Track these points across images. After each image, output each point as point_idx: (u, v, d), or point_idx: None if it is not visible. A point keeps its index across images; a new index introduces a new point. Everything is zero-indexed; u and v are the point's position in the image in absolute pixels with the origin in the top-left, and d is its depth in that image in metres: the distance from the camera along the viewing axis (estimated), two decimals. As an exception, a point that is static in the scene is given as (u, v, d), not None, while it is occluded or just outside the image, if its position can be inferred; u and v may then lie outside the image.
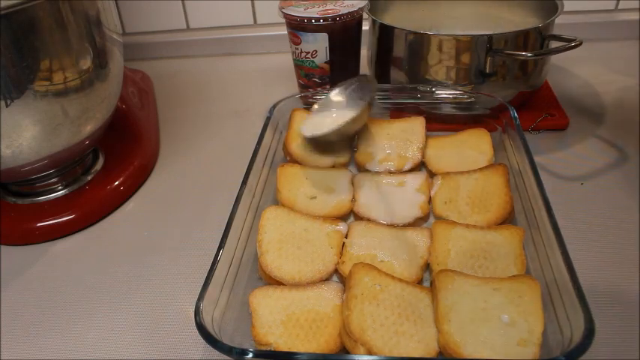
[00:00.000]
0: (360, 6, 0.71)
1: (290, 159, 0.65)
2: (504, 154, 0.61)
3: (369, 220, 0.55)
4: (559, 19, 0.68)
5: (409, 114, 0.68)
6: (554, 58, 0.73)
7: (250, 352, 0.39)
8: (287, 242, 0.52)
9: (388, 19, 0.77)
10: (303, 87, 0.78)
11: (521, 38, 0.66)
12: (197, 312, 0.41)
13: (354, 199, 0.58)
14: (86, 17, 0.56)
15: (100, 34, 0.59)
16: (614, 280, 0.50)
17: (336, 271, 0.50)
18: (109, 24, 0.60)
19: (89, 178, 0.67)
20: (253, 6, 0.98)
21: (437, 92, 0.67)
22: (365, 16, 0.73)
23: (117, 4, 0.99)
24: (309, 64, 0.73)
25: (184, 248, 0.59)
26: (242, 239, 0.51)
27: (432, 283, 0.46)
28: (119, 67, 0.64)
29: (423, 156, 0.63)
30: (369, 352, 0.40)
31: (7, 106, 0.51)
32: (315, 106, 0.66)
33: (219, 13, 0.99)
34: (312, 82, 0.75)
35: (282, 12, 0.72)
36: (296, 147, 0.65)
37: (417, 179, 0.60)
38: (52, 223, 0.62)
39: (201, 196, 0.66)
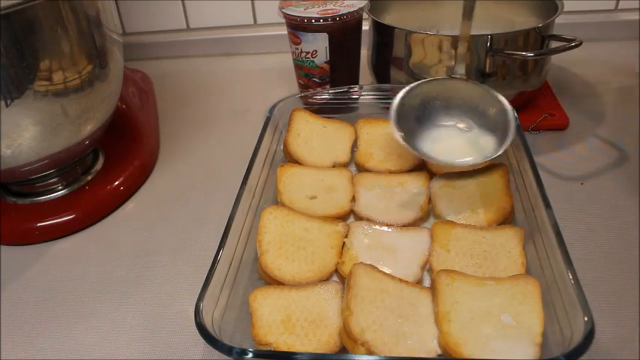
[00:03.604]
0: (360, 6, 0.71)
1: (290, 159, 0.65)
2: (504, 154, 0.61)
3: (369, 220, 0.55)
4: (559, 19, 0.68)
5: (409, 114, 0.68)
6: (554, 58, 0.73)
7: (250, 352, 0.39)
8: (287, 242, 0.52)
9: (388, 19, 0.77)
10: (303, 87, 0.78)
11: (521, 38, 0.66)
12: (197, 312, 0.41)
13: (354, 199, 0.58)
14: (86, 17, 0.56)
15: (100, 34, 0.59)
16: (614, 280, 0.50)
17: (336, 271, 0.50)
18: (109, 24, 0.60)
19: (89, 178, 0.67)
20: (253, 6, 0.98)
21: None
22: (365, 16, 0.73)
23: (117, 4, 0.99)
24: (309, 64, 0.73)
25: (184, 248, 0.59)
26: (242, 239, 0.51)
27: (432, 283, 0.46)
28: (119, 67, 0.64)
29: (423, 156, 0.63)
30: (369, 352, 0.40)
31: (7, 106, 0.51)
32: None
33: (219, 13, 0.99)
34: (312, 82, 0.75)
35: (282, 12, 0.72)
36: (296, 147, 0.65)
37: (417, 179, 0.60)
38: (52, 223, 0.62)
39: (201, 196, 0.66)
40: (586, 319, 0.38)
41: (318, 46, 0.71)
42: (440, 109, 0.58)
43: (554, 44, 0.67)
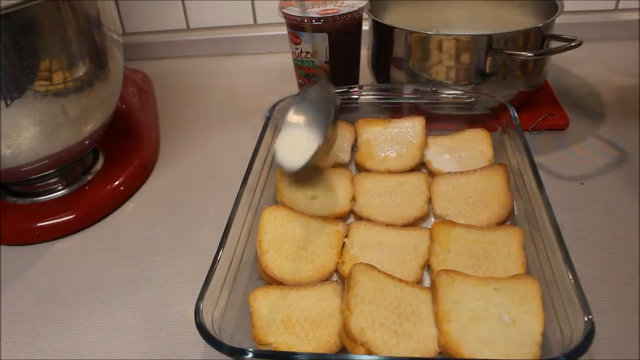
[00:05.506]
0: (360, 6, 0.71)
1: (290, 159, 0.65)
2: (504, 154, 0.61)
3: (369, 220, 0.55)
4: (559, 19, 0.68)
5: (409, 114, 0.68)
6: (554, 58, 0.73)
7: (250, 352, 0.39)
8: (287, 242, 0.52)
9: (388, 19, 0.77)
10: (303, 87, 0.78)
11: (521, 38, 0.66)
12: (197, 312, 0.41)
13: (354, 199, 0.58)
14: (86, 17, 0.56)
15: (100, 34, 0.59)
16: (614, 280, 0.50)
17: (336, 271, 0.50)
18: (109, 24, 0.60)
19: (89, 178, 0.67)
20: (253, 6, 0.98)
21: (437, 92, 0.67)
22: (365, 16, 0.73)
23: (117, 4, 0.99)
24: (309, 64, 0.73)
25: (184, 248, 0.59)
26: (242, 239, 0.51)
27: (432, 283, 0.46)
28: (119, 67, 0.64)
29: (423, 156, 0.63)
30: (369, 352, 0.40)
31: (7, 106, 0.51)
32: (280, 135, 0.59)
33: (219, 13, 0.99)
34: (312, 82, 0.75)
35: (282, 12, 0.72)
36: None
37: (417, 179, 0.60)
38: (52, 223, 0.62)
39: (201, 196, 0.66)
40: (586, 319, 0.38)
41: (318, 46, 0.71)
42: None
43: (554, 44, 0.67)
